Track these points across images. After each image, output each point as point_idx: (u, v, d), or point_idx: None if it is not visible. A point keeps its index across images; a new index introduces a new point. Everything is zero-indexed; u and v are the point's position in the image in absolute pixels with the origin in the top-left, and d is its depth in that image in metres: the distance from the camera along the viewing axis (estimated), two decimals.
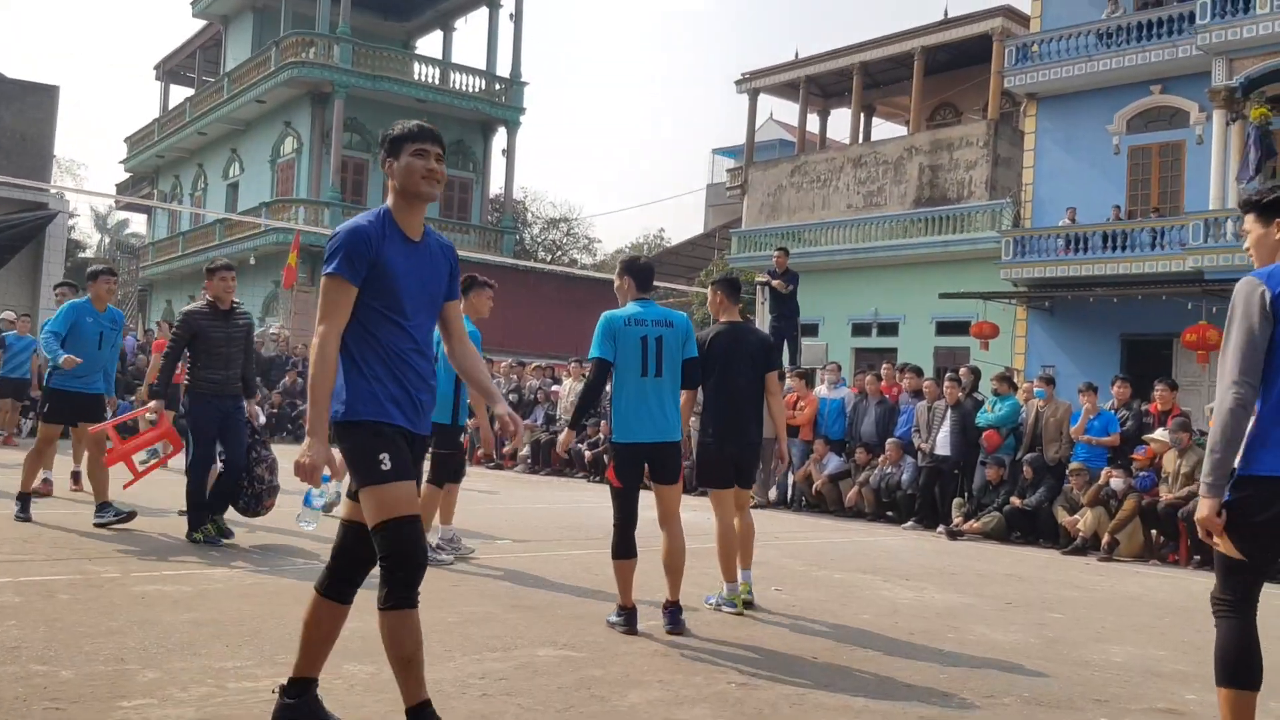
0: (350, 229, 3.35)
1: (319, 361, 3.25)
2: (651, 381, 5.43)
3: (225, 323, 7.37)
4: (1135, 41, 21.13)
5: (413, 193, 3.41)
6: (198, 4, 36.12)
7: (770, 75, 30.51)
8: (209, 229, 33.76)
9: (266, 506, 7.57)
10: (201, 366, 7.28)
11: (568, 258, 45.34)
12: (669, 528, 5.56)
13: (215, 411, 7.30)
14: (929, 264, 24.44)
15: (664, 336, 5.48)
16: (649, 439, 5.42)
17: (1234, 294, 3.38)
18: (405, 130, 3.47)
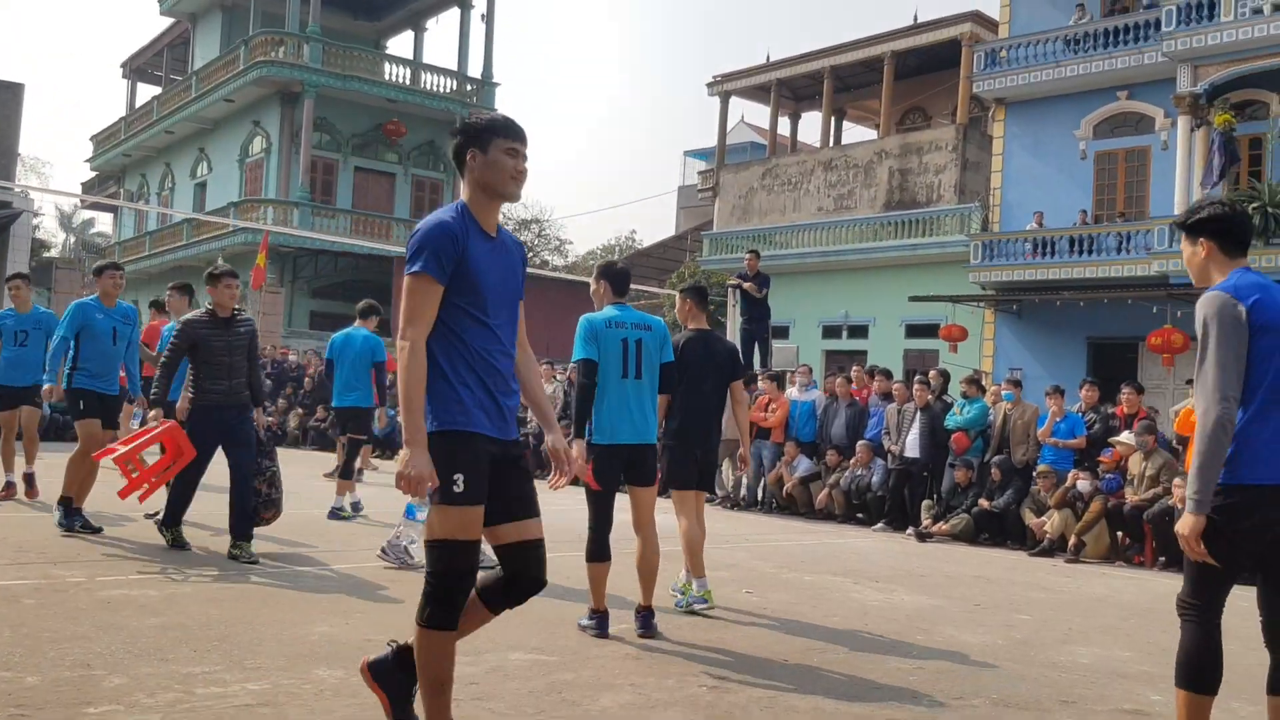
0: (436, 224, 3.21)
1: (412, 366, 3.09)
2: (632, 384, 5.48)
3: (226, 331, 7.08)
4: (1102, 48, 21.35)
5: (497, 191, 3.30)
6: (165, 2, 35.79)
7: (741, 78, 30.59)
8: (177, 229, 33.47)
9: (265, 519, 7.25)
10: (204, 377, 7.01)
11: (539, 259, 45.26)
12: (644, 531, 5.58)
13: (216, 423, 7.01)
14: (899, 267, 24.58)
15: (643, 340, 5.53)
16: (629, 440, 5.46)
17: (1205, 310, 3.40)
18: (495, 123, 3.32)
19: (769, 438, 13.33)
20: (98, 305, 8.03)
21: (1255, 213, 17.80)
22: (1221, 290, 3.41)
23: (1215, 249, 3.56)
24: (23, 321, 9.35)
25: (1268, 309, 3.35)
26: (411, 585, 6.39)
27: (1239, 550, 3.33)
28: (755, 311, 15.31)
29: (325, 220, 29.31)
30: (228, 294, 7.13)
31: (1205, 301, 3.40)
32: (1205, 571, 3.37)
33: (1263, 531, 3.31)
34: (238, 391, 7.07)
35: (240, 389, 7.09)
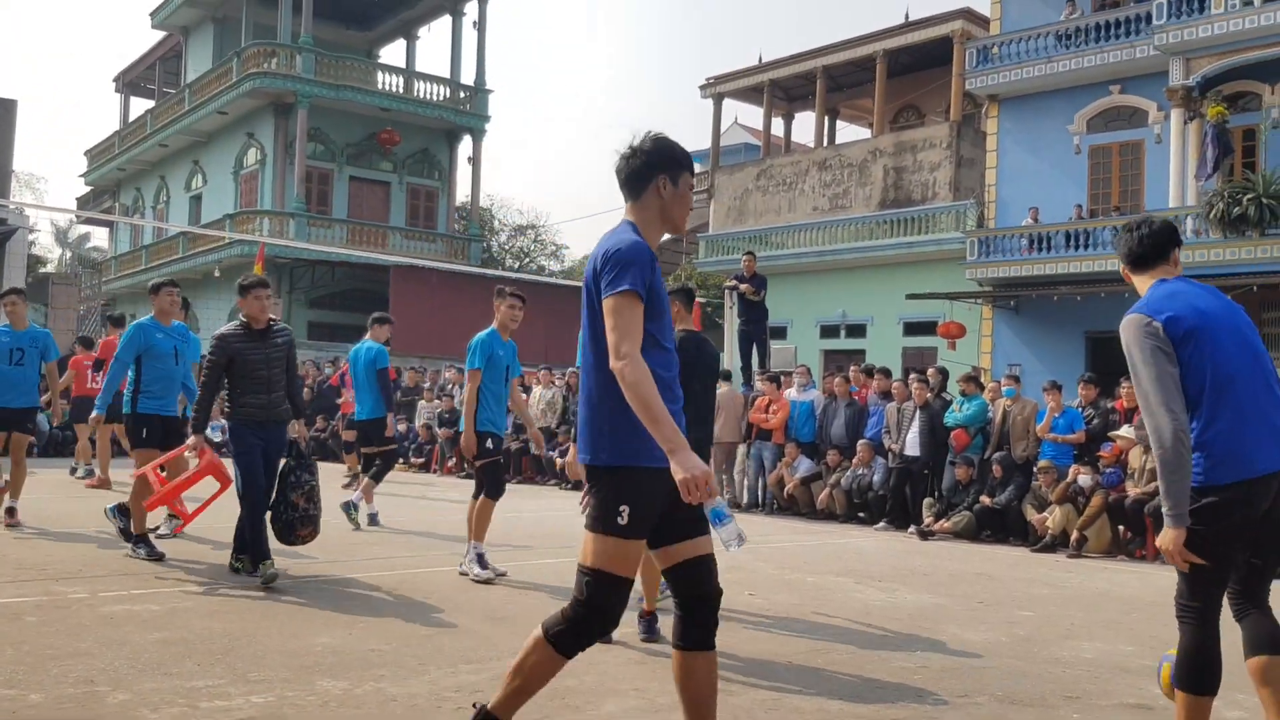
0: (637, 244, 3.12)
1: (643, 380, 2.96)
2: None
3: (263, 343, 6.71)
4: (1094, 42, 21.38)
5: (675, 223, 3.25)
6: (157, 15, 35.76)
7: (734, 80, 30.61)
8: (172, 242, 33.45)
9: (301, 536, 6.86)
10: (242, 393, 6.65)
11: (535, 264, 45.25)
12: None
13: (256, 441, 6.62)
14: (895, 265, 24.60)
15: None
16: None
17: (1124, 335, 3.49)
18: (688, 155, 3.27)
19: (769, 439, 13.33)
20: (156, 325, 7.74)
21: (1250, 204, 17.83)
22: (1135, 312, 3.50)
23: (1131, 270, 3.73)
24: (18, 339, 8.94)
25: (1183, 318, 3.41)
26: (410, 595, 6.40)
27: (1221, 548, 3.36)
28: (753, 313, 15.30)
29: (321, 230, 29.30)
30: (258, 305, 6.75)
31: (1123, 327, 3.51)
32: (1199, 572, 3.39)
33: (1244, 526, 3.35)
34: (277, 405, 6.75)
35: (280, 402, 6.77)
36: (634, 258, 3.06)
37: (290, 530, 6.80)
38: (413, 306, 25.86)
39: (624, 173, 3.27)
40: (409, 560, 7.96)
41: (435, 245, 31.47)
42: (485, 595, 6.56)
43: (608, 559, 3.09)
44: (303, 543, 6.93)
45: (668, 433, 2.94)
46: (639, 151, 3.26)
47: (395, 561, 7.80)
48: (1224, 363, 3.40)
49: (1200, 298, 3.52)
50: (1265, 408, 3.41)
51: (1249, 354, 3.47)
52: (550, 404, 16.49)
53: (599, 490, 3.11)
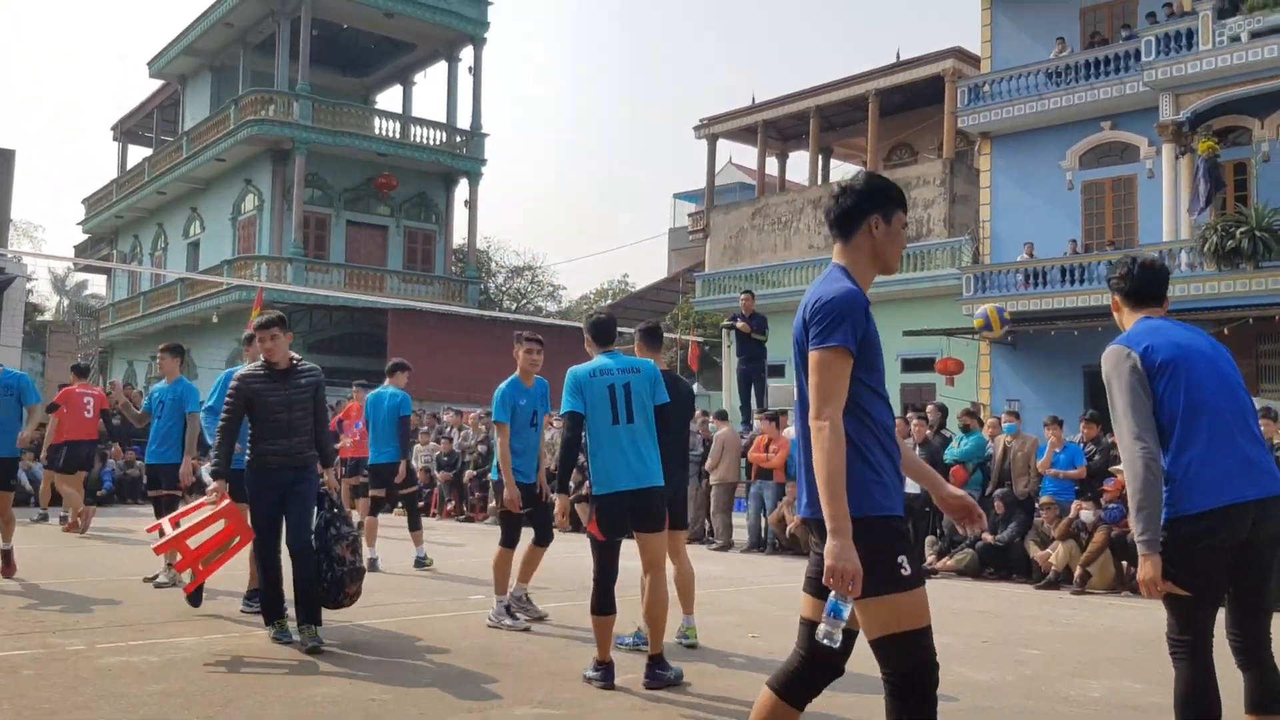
0: (851, 294, 2.96)
1: (834, 448, 2.81)
2: (624, 429, 5.43)
3: (284, 384, 6.29)
4: (1084, 79, 21.57)
5: (888, 264, 3.13)
6: (155, 64, 36.08)
7: (728, 120, 30.85)
8: (170, 288, 33.53)
9: (350, 594, 6.38)
10: (258, 437, 6.25)
11: (532, 305, 45.36)
12: (653, 577, 5.46)
13: (272, 487, 6.24)
14: (891, 302, 24.62)
15: (631, 383, 5.50)
16: (628, 486, 5.38)
17: (1104, 365, 3.60)
18: (900, 192, 3.14)
19: (770, 478, 13.29)
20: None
21: (1243, 237, 17.90)
22: (1116, 344, 3.60)
23: (1122, 302, 3.84)
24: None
25: (1158, 350, 3.49)
26: (410, 645, 6.34)
27: (1201, 576, 3.39)
28: (751, 352, 15.33)
29: (319, 275, 29.38)
30: (272, 347, 6.31)
31: (1103, 358, 3.60)
32: (1184, 604, 3.40)
33: (1218, 555, 3.39)
34: (299, 451, 6.29)
35: (301, 448, 6.30)
36: (847, 308, 2.91)
37: (339, 588, 6.30)
38: (410, 349, 25.77)
39: (834, 213, 3.17)
40: (409, 606, 7.90)
41: (432, 288, 31.55)
42: (486, 642, 6.50)
43: (905, 617, 2.84)
44: (350, 602, 6.42)
45: (839, 513, 2.78)
46: (850, 190, 3.16)
47: (395, 608, 7.74)
48: (1196, 394, 3.46)
49: (1180, 333, 3.61)
50: (1237, 439, 3.45)
51: (1224, 387, 3.52)
52: (549, 445, 16.41)
53: (862, 550, 2.81)
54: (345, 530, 6.40)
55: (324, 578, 6.25)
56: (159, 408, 8.71)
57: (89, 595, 7.70)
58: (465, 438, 18.35)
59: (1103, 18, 22.46)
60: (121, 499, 17.71)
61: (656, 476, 5.47)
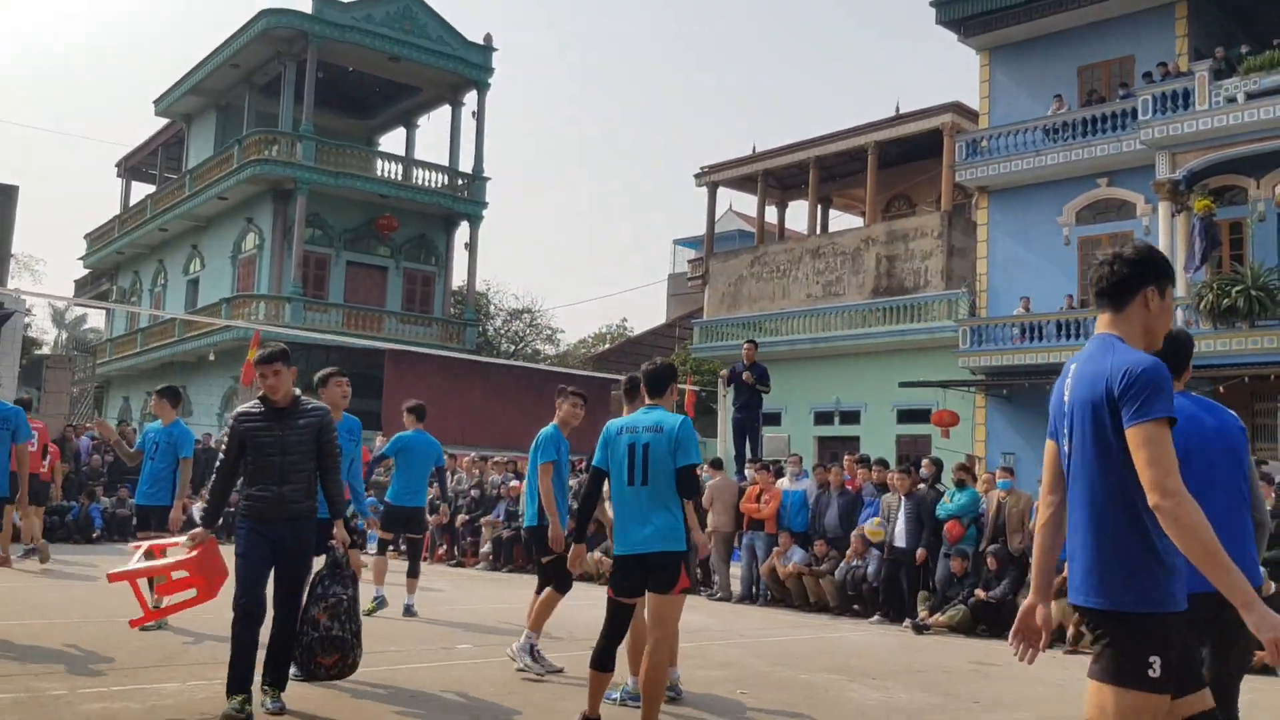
0: (1159, 364, 2.88)
1: (1200, 522, 2.69)
2: (634, 490, 5.28)
3: (280, 424, 5.69)
4: (1081, 136, 21.77)
5: (1155, 338, 3.05)
6: (161, 102, 36.39)
7: (729, 169, 31.09)
8: (168, 325, 33.56)
9: (323, 664, 5.76)
10: (249, 481, 5.67)
11: (531, 349, 45.37)
12: (651, 635, 5.29)
13: (262, 541, 5.56)
14: (888, 353, 24.70)
15: (651, 444, 5.29)
16: (627, 550, 5.28)
17: None
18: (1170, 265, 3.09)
19: (762, 528, 13.22)
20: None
21: (1239, 295, 18.00)
22: None
23: None
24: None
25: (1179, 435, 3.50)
26: (394, 697, 6.26)
27: None
28: (747, 400, 15.29)
29: (317, 315, 29.43)
30: (263, 385, 5.77)
31: None
32: None
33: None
34: (291, 500, 5.62)
35: (295, 497, 5.64)
36: (1161, 380, 2.82)
37: (310, 656, 5.71)
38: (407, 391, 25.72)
39: (1107, 282, 3.07)
40: (395, 655, 7.82)
41: (431, 329, 31.59)
42: (472, 694, 6.43)
43: (1134, 714, 2.81)
44: (328, 675, 5.81)
45: (1238, 582, 2.67)
46: (1124, 260, 3.07)
47: (381, 656, 7.66)
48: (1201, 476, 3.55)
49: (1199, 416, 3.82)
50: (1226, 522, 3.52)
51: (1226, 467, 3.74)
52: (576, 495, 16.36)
53: (1120, 639, 2.83)
54: (334, 591, 5.79)
55: (298, 640, 5.71)
56: (152, 448, 8.68)
57: (73, 638, 7.63)
58: (459, 482, 18.27)
59: (1100, 76, 22.71)
60: (110, 537, 17.59)
61: (659, 541, 5.22)
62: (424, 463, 10.17)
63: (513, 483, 17.31)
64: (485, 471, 18.23)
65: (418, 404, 10.57)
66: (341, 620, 5.70)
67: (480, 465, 18.61)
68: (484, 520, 16.99)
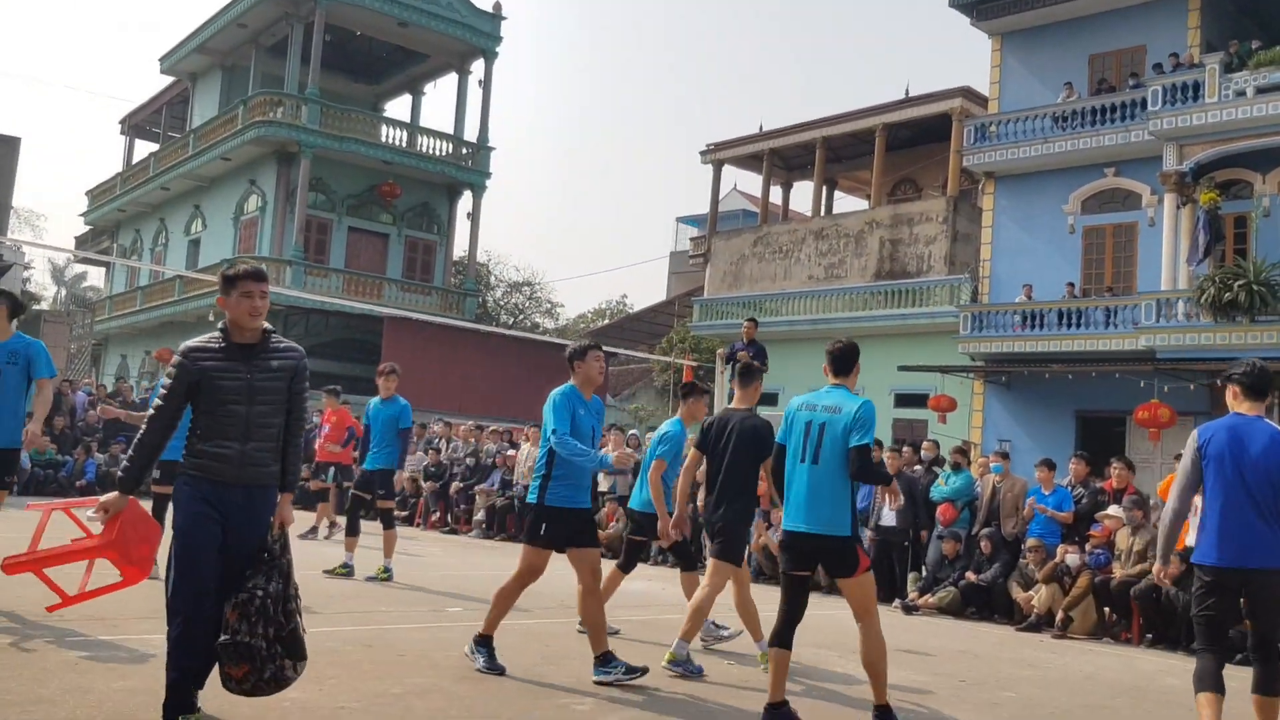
0: None
1: None
2: (806, 468, 5.26)
3: (246, 365, 4.45)
4: (1089, 125, 21.67)
5: None
6: (166, 61, 36.20)
7: (734, 147, 30.95)
8: (168, 284, 33.50)
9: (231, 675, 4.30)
10: (204, 435, 4.38)
11: (530, 321, 45.35)
12: (859, 624, 5.33)
13: (209, 515, 4.31)
14: (888, 336, 24.67)
15: (828, 423, 5.29)
16: (793, 528, 5.32)
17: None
18: None
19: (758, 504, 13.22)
20: (579, 398, 6.18)
21: (1240, 290, 17.95)
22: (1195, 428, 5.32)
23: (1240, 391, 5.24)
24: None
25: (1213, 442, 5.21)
26: (384, 653, 6.28)
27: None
28: None
29: (318, 279, 29.36)
30: (246, 306, 4.50)
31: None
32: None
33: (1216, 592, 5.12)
34: (255, 462, 4.42)
35: (261, 459, 4.44)
36: None
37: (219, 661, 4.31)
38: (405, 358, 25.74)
39: None
40: (385, 615, 7.85)
41: (430, 298, 31.53)
42: (460, 656, 6.45)
43: None
44: (240, 689, 4.31)
45: None
46: None
47: (371, 616, 7.69)
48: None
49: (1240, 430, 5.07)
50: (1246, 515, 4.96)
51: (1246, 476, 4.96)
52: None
53: None
54: (253, 584, 4.32)
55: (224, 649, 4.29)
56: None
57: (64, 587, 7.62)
58: (455, 450, 18.28)
59: (1111, 65, 22.59)
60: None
61: (826, 524, 5.21)
62: (389, 426, 10.16)
63: (508, 452, 17.33)
64: (481, 440, 18.24)
65: (384, 368, 10.58)
66: (252, 622, 4.25)
67: (476, 434, 18.62)
68: (478, 489, 17.02)
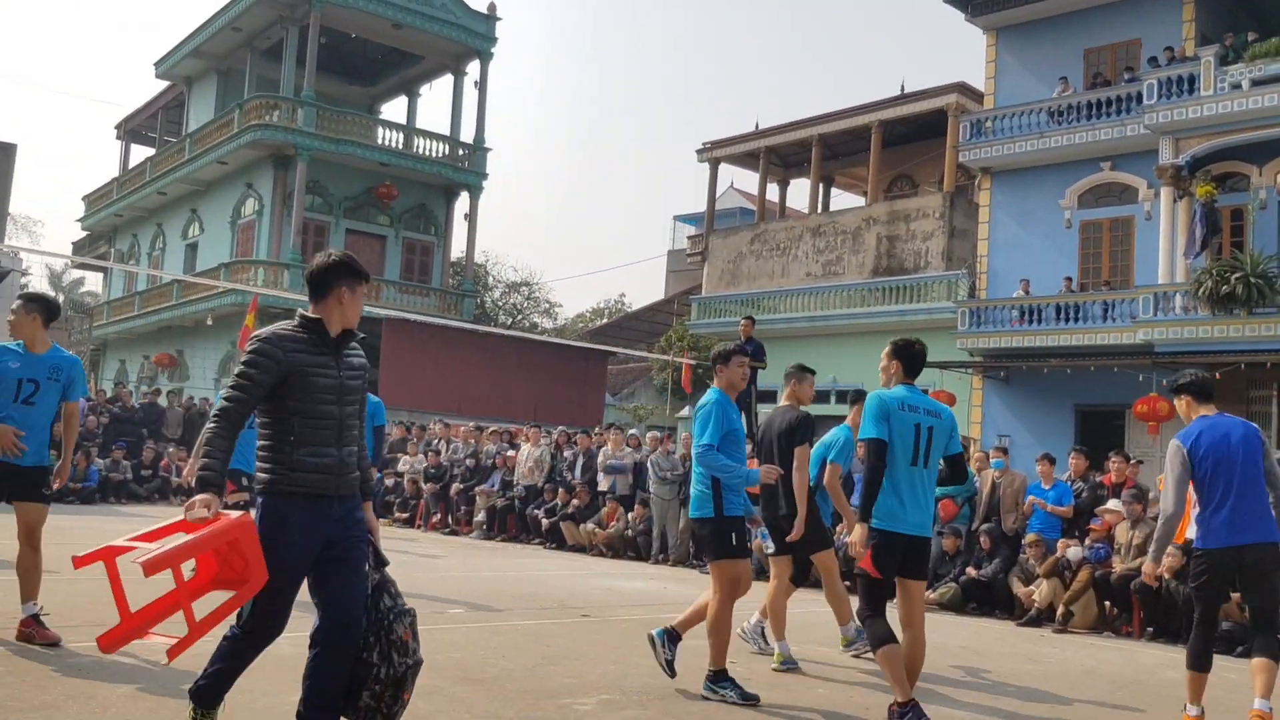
0: None
1: None
2: (919, 472, 5.33)
3: (337, 360, 3.96)
4: (1085, 120, 21.69)
5: None
6: (162, 65, 36.17)
7: (731, 145, 30.95)
8: (166, 289, 33.50)
9: (407, 700, 3.95)
10: (299, 441, 3.82)
11: (528, 322, 45.35)
12: (914, 630, 5.46)
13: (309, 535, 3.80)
14: (887, 333, 24.51)
15: (934, 428, 5.39)
16: (909, 531, 5.30)
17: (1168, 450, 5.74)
18: None
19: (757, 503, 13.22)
20: (729, 403, 6.06)
21: (1238, 282, 17.96)
22: (1176, 438, 5.85)
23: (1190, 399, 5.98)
24: (33, 366, 6.13)
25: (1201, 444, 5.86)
26: None
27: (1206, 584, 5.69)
28: None
29: None
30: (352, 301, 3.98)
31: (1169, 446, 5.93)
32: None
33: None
34: (351, 471, 3.97)
35: (355, 466, 4.02)
36: None
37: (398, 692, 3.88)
38: (404, 360, 25.88)
39: None
40: None
41: (429, 300, 31.53)
42: (461, 657, 6.46)
43: None
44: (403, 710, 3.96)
45: None
46: None
47: None
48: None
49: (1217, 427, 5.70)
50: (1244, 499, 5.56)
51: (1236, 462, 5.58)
52: (538, 462, 16.42)
53: None
54: (403, 604, 3.99)
55: (374, 673, 3.84)
56: None
57: (68, 593, 7.64)
58: (454, 451, 18.29)
59: (1106, 59, 22.61)
60: (105, 498, 17.63)
61: (930, 527, 5.49)
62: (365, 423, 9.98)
63: (508, 452, 17.34)
64: (481, 441, 18.25)
65: None
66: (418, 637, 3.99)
67: (476, 435, 18.62)
68: (479, 490, 17.03)
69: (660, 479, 14.21)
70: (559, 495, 15.65)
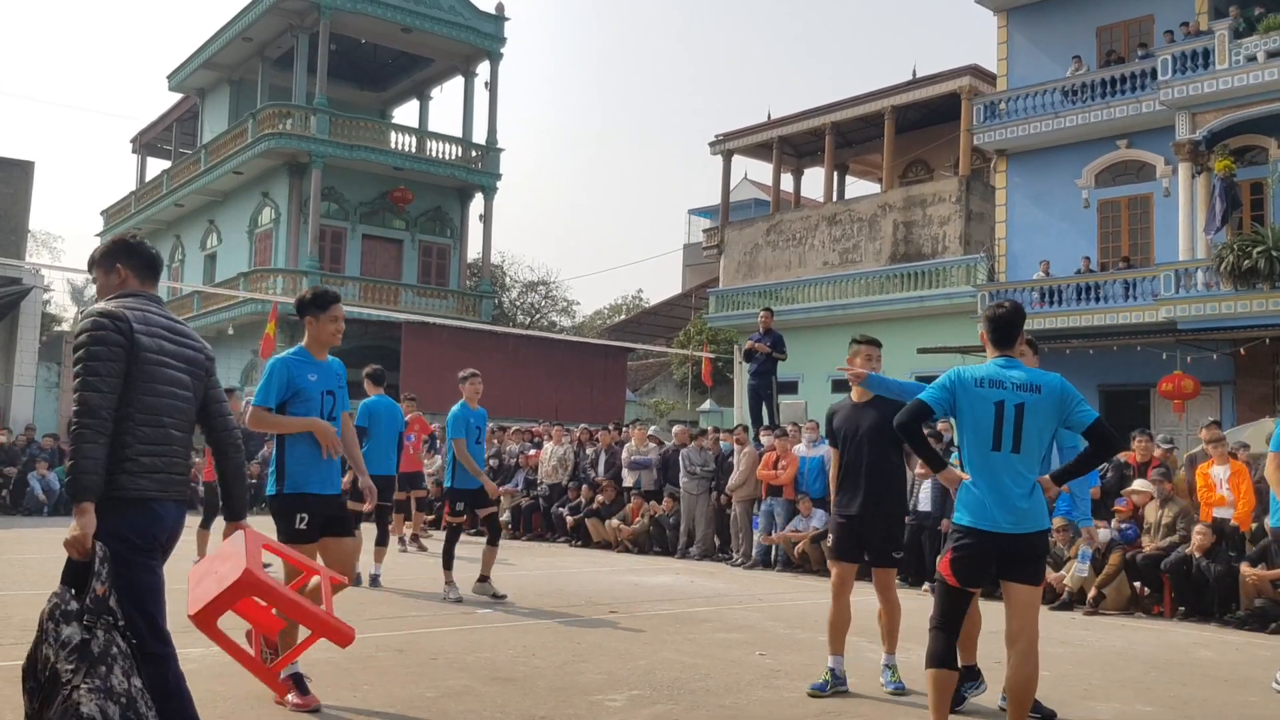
0: None
1: None
2: (1003, 458, 4.41)
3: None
4: (1100, 98, 21.52)
5: None
6: (174, 77, 36.38)
7: (743, 136, 30.88)
8: (186, 300, 33.72)
9: None
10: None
11: (547, 320, 45.40)
12: (1020, 645, 4.45)
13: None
14: (906, 319, 24.58)
15: (1026, 404, 4.43)
16: (990, 527, 4.39)
17: None
18: None
19: (780, 494, 13.24)
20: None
21: (1260, 256, 17.79)
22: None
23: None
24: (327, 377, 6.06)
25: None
26: (415, 656, 6.32)
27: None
28: (763, 367, 15.27)
29: (334, 288, 29.38)
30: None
31: None
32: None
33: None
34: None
35: None
36: None
37: None
38: (423, 363, 25.92)
39: None
40: (417, 620, 7.89)
41: (447, 302, 31.61)
42: (492, 656, 6.48)
43: None
44: None
45: None
46: None
47: (403, 621, 7.73)
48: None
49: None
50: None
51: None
52: (561, 460, 16.45)
53: None
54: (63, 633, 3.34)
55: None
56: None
57: None
58: None
59: (1119, 36, 22.43)
60: None
61: (1032, 521, 4.42)
62: (390, 429, 9.96)
63: (531, 451, 17.37)
64: (504, 441, 18.29)
65: (375, 369, 10.41)
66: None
67: (499, 435, 18.66)
68: (503, 489, 17.07)
69: (690, 473, 14.20)
70: (583, 492, 15.67)
